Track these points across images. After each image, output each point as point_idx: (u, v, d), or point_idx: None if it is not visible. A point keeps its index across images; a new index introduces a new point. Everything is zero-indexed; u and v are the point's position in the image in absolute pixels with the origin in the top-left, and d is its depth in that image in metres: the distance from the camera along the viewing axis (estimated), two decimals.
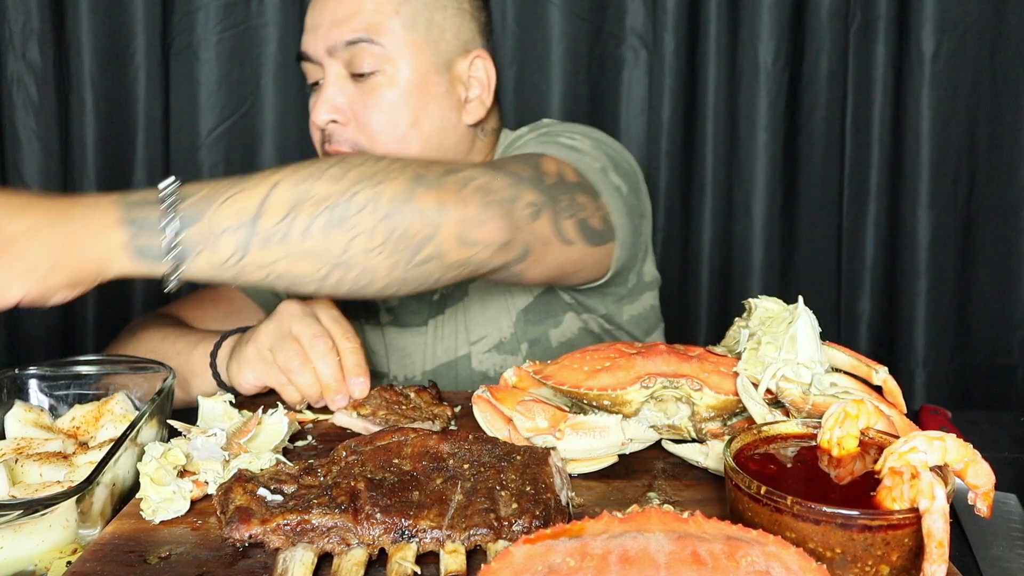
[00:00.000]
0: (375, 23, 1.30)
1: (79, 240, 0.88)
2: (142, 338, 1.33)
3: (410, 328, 1.48)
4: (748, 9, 1.77)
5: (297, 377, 1.06)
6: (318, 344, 1.06)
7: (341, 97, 1.32)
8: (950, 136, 1.79)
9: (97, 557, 0.76)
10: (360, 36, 1.30)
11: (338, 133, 1.33)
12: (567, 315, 1.45)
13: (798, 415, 0.88)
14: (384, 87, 1.32)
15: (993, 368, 1.86)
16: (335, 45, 1.30)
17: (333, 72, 1.32)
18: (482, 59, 1.39)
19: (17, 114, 1.73)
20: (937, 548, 0.65)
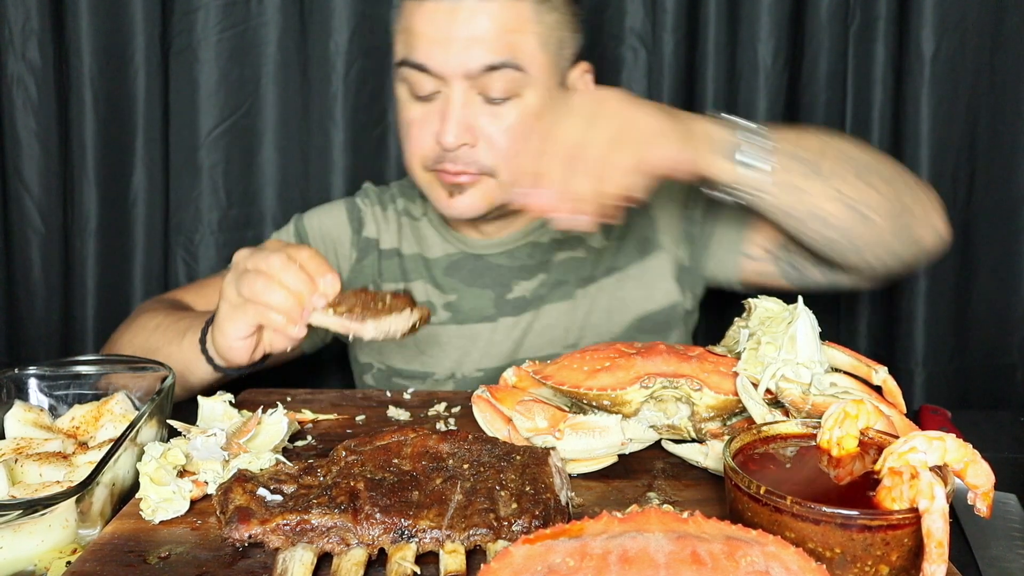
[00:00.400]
0: (517, 45, 1.24)
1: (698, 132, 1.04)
2: (138, 330, 1.31)
3: (469, 326, 1.45)
4: (748, 9, 1.77)
5: (268, 297, 1.03)
6: (273, 261, 1.03)
7: (471, 119, 1.26)
8: (950, 136, 1.79)
9: (97, 557, 0.76)
10: (505, 61, 1.24)
11: (466, 155, 1.28)
12: (675, 330, 1.47)
13: (798, 415, 0.88)
14: (517, 111, 1.27)
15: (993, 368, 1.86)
16: (473, 69, 1.23)
17: (463, 93, 1.26)
18: (589, 74, 1.39)
19: (17, 114, 1.72)
20: (937, 548, 0.65)
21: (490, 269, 1.46)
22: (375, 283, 1.50)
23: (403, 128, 1.35)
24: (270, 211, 1.85)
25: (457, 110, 1.25)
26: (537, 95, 1.29)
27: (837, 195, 1.10)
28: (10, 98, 1.73)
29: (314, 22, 1.79)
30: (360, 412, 1.13)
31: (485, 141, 1.28)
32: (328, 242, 1.52)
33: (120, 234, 1.81)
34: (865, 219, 1.12)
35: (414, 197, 1.54)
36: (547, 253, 1.46)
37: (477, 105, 1.27)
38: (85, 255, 1.79)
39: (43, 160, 1.75)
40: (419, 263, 1.49)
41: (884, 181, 1.13)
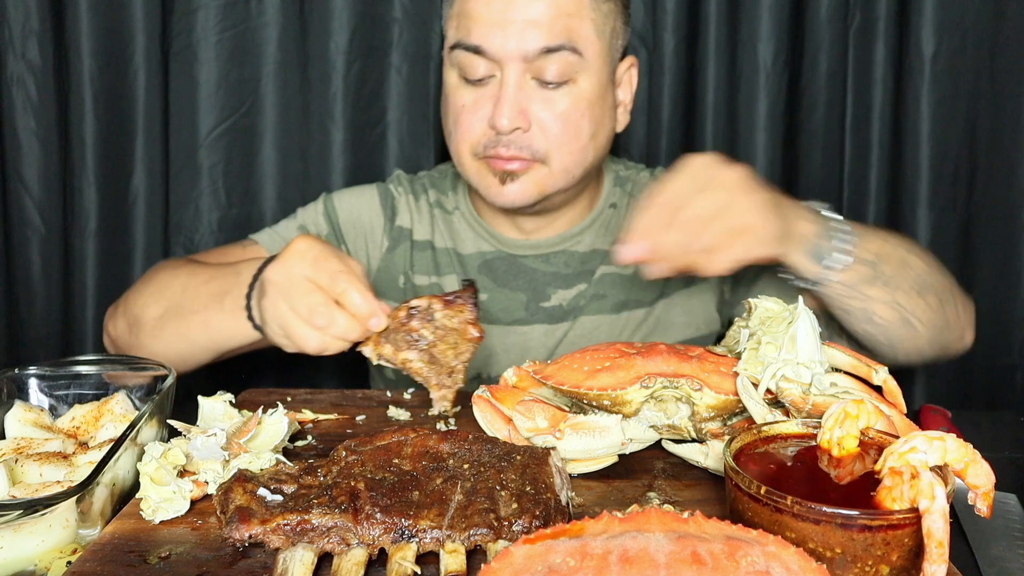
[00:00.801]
0: (574, 29, 1.24)
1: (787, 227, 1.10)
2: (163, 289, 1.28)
3: (499, 327, 1.44)
4: (748, 9, 1.77)
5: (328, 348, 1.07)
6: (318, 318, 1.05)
7: (525, 103, 1.26)
8: (950, 136, 1.79)
9: (97, 557, 0.76)
10: (562, 43, 1.24)
11: (518, 140, 1.27)
12: None
13: (798, 415, 0.88)
14: (571, 97, 1.27)
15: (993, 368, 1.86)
16: (531, 50, 1.23)
17: (518, 76, 1.25)
18: (635, 67, 1.40)
19: (17, 114, 1.72)
20: (937, 548, 0.65)
21: (524, 272, 1.45)
22: (406, 274, 1.48)
23: (452, 115, 1.33)
24: (270, 211, 1.85)
25: (512, 93, 1.25)
26: (590, 82, 1.28)
27: (892, 302, 1.17)
28: (10, 98, 1.72)
29: (314, 22, 1.79)
30: (360, 412, 1.13)
31: (538, 126, 1.27)
32: (359, 228, 1.50)
33: (120, 234, 1.81)
34: (910, 326, 1.20)
35: (445, 189, 1.52)
36: (585, 263, 1.46)
37: (531, 89, 1.26)
38: (85, 255, 1.79)
39: (43, 160, 1.75)
40: (452, 257, 1.48)
41: (936, 296, 1.21)
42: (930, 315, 1.20)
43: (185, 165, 1.82)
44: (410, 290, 1.49)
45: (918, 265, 1.21)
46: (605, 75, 1.31)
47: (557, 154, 1.29)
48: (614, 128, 1.39)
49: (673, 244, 1.03)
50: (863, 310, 1.18)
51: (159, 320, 1.25)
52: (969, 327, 1.30)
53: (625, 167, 1.55)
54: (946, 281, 1.26)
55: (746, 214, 1.05)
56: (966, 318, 1.29)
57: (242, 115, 1.81)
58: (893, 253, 1.18)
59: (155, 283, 1.30)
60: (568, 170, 1.32)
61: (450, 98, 1.33)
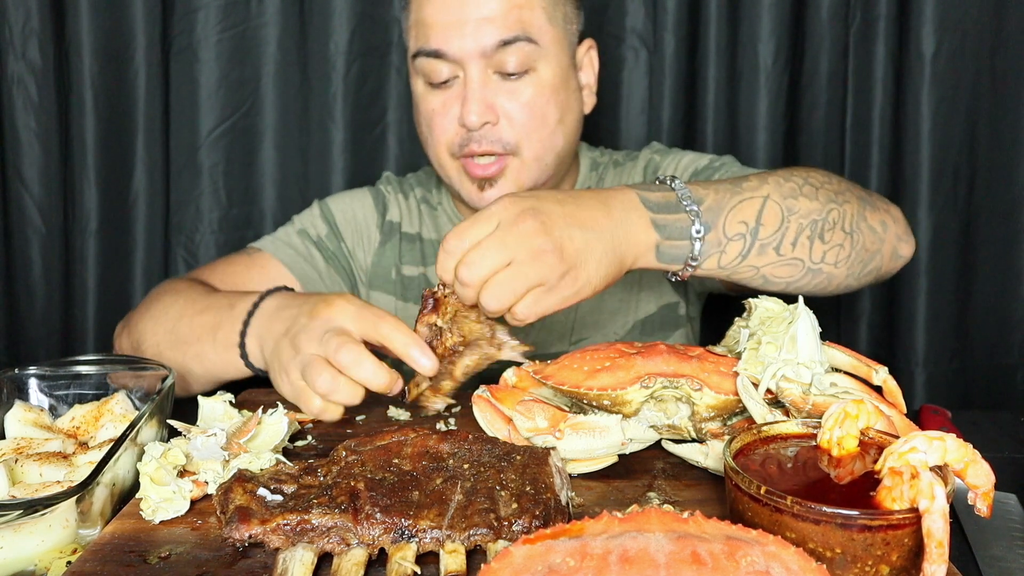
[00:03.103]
0: (527, 20, 1.28)
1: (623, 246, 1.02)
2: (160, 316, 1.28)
3: None
4: (748, 9, 1.77)
5: (338, 395, 1.03)
6: (341, 356, 1.01)
7: (491, 97, 1.29)
8: (950, 136, 1.79)
9: (97, 557, 0.76)
10: (517, 35, 1.27)
11: (489, 134, 1.30)
12: (678, 330, 1.48)
13: (798, 415, 0.88)
14: (534, 85, 1.30)
15: (993, 368, 1.86)
16: (488, 45, 1.26)
17: (480, 72, 1.28)
18: (594, 49, 1.42)
19: (17, 114, 1.72)
20: (937, 548, 0.65)
21: None
22: (396, 267, 1.50)
23: (424, 121, 1.36)
24: (270, 211, 1.85)
25: (477, 90, 1.28)
26: (551, 69, 1.31)
27: (787, 260, 1.10)
28: (10, 98, 1.73)
29: (314, 22, 1.79)
30: (360, 412, 1.13)
31: (506, 118, 1.30)
32: (355, 225, 1.53)
33: (120, 234, 1.81)
34: (818, 274, 1.13)
35: (431, 187, 1.57)
36: None
37: (495, 83, 1.29)
38: (85, 255, 1.79)
39: (43, 160, 1.75)
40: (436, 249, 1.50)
41: (841, 231, 1.13)
42: (838, 253, 1.13)
43: (185, 165, 1.82)
44: (400, 282, 1.50)
45: (808, 208, 1.11)
46: (564, 60, 1.34)
47: (527, 142, 1.32)
48: (582, 111, 1.41)
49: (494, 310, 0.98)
50: (754, 278, 1.11)
51: (158, 347, 1.26)
52: (901, 240, 1.21)
53: (601, 154, 1.57)
54: (852, 206, 1.15)
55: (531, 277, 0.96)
56: (894, 231, 1.20)
57: (242, 115, 1.81)
58: (771, 210, 1.08)
59: (155, 308, 1.31)
60: (540, 157, 1.34)
61: (420, 105, 1.36)
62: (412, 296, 1.49)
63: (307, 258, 1.47)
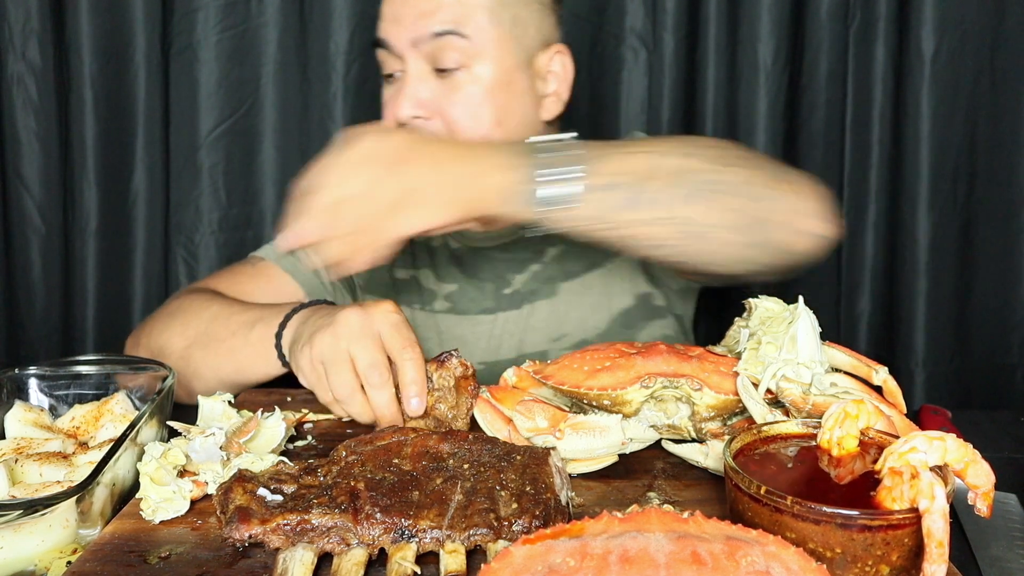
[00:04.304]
0: (462, 16, 1.28)
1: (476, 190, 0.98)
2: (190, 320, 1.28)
3: (469, 317, 1.47)
4: (748, 9, 1.77)
5: (348, 406, 1.03)
6: (373, 375, 1.00)
7: (425, 92, 1.29)
8: (950, 136, 1.79)
9: (97, 557, 0.76)
10: (448, 28, 1.27)
11: (421, 129, 1.30)
12: (655, 321, 1.47)
13: (798, 415, 0.88)
14: (468, 83, 1.29)
15: (993, 368, 1.86)
16: (420, 37, 1.27)
17: (416, 66, 1.29)
18: (561, 54, 1.39)
19: (17, 114, 1.72)
20: (937, 548, 0.65)
21: (488, 263, 1.48)
22: (389, 270, 1.50)
23: None
24: (270, 211, 1.85)
25: (410, 83, 1.29)
26: (488, 69, 1.30)
27: (664, 219, 1.03)
28: (10, 98, 1.73)
29: (314, 22, 1.79)
30: None
31: (439, 114, 1.30)
32: None
33: (120, 234, 1.81)
34: (703, 237, 1.05)
35: None
36: (541, 244, 1.47)
37: (431, 80, 1.30)
38: (85, 255, 1.79)
39: (43, 160, 1.75)
40: (424, 251, 1.51)
41: (730, 195, 1.05)
42: (726, 217, 1.04)
43: (185, 165, 1.82)
44: (391, 286, 1.50)
45: (694, 167, 1.04)
46: (509, 63, 1.32)
47: None
48: (536, 118, 1.38)
49: (313, 232, 0.98)
50: (630, 237, 1.04)
51: (185, 350, 1.26)
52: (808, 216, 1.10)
53: None
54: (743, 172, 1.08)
55: (390, 188, 0.97)
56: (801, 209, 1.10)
57: (242, 115, 1.81)
58: (653, 165, 1.03)
59: (181, 315, 1.31)
60: None
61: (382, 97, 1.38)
62: (403, 299, 1.49)
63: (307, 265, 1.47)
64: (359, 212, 0.97)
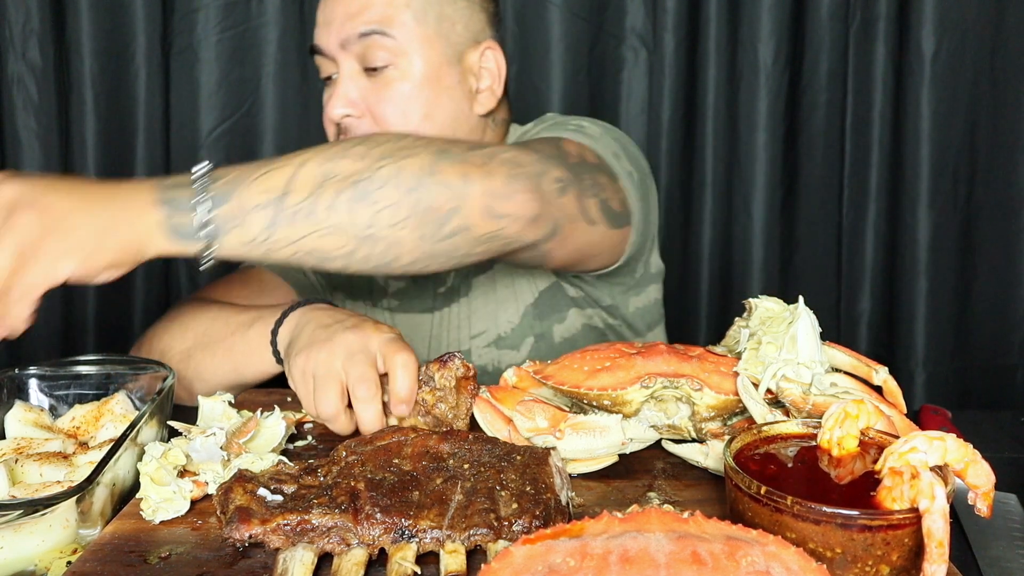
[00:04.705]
0: (387, 16, 1.31)
1: (120, 220, 0.92)
2: (190, 323, 1.29)
3: (414, 315, 1.49)
4: (748, 9, 1.77)
5: (333, 425, 1.02)
6: (361, 389, 0.99)
7: (355, 91, 1.33)
8: (950, 136, 1.79)
9: (97, 557, 0.76)
10: (373, 28, 1.30)
11: (353, 127, 1.34)
12: (571, 311, 1.45)
13: (798, 415, 0.88)
14: (397, 80, 1.32)
15: (993, 368, 1.86)
16: (348, 38, 1.31)
17: (347, 67, 1.33)
18: (492, 50, 1.40)
19: (17, 114, 1.73)
20: (937, 548, 0.65)
21: None
22: None
23: None
24: None
25: (340, 83, 1.33)
26: (417, 66, 1.32)
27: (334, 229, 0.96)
28: (10, 98, 1.73)
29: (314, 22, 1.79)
30: None
31: (369, 112, 1.33)
32: None
33: None
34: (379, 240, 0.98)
35: None
36: None
37: (361, 79, 1.33)
38: None
39: (43, 160, 1.75)
40: None
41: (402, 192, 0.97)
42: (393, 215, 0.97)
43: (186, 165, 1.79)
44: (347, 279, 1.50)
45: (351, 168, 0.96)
46: (436, 59, 1.34)
47: None
48: (469, 112, 1.38)
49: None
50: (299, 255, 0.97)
51: (186, 352, 1.26)
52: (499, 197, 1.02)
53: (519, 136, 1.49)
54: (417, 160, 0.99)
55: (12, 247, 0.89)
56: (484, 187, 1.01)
57: (242, 115, 1.82)
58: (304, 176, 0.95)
59: (181, 320, 1.32)
60: None
61: None
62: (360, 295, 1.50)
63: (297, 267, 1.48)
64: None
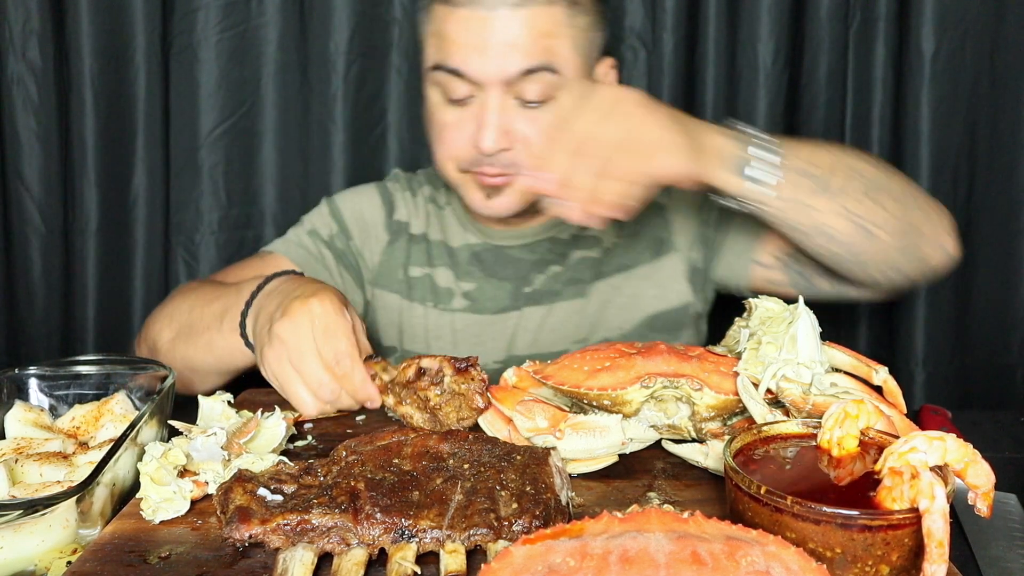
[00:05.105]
0: (551, 48, 1.25)
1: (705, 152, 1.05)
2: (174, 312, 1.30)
3: (486, 316, 1.47)
4: (748, 9, 1.77)
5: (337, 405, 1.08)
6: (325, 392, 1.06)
7: (510, 123, 1.28)
8: (950, 136, 1.78)
9: (97, 557, 0.76)
10: (540, 64, 1.25)
11: (503, 158, 1.29)
12: (685, 330, 1.48)
13: (798, 415, 0.88)
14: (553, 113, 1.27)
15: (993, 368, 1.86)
16: (512, 73, 1.24)
17: (499, 97, 1.26)
18: (614, 70, 1.41)
19: (17, 114, 1.72)
20: (937, 548, 0.65)
21: (511, 261, 1.48)
22: (404, 266, 1.50)
23: (435, 130, 1.35)
24: (270, 211, 1.85)
25: (495, 116, 1.26)
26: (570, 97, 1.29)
27: (844, 212, 1.11)
28: (10, 98, 1.72)
29: (314, 22, 1.79)
30: (360, 412, 1.13)
31: (523, 143, 1.29)
32: (363, 224, 1.53)
33: (120, 234, 1.81)
34: (870, 236, 1.13)
35: (439, 186, 1.56)
36: (565, 247, 1.48)
37: (513, 109, 1.28)
38: (85, 255, 1.79)
39: (43, 160, 1.75)
40: (443, 250, 1.51)
41: (894, 200, 1.14)
42: (890, 220, 1.14)
43: (185, 165, 1.82)
44: (407, 282, 1.50)
45: (867, 170, 1.15)
46: None
47: None
48: None
49: (584, 172, 1.00)
50: (814, 225, 1.12)
51: (171, 343, 1.27)
52: (947, 235, 1.21)
53: None
54: (908, 185, 1.20)
55: (651, 131, 1.02)
56: (941, 224, 1.21)
57: (242, 115, 1.81)
58: (831, 158, 1.13)
59: (169, 307, 1.33)
60: None
61: (434, 115, 1.35)
62: (417, 296, 1.49)
63: (318, 258, 1.48)
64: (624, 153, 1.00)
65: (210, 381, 1.27)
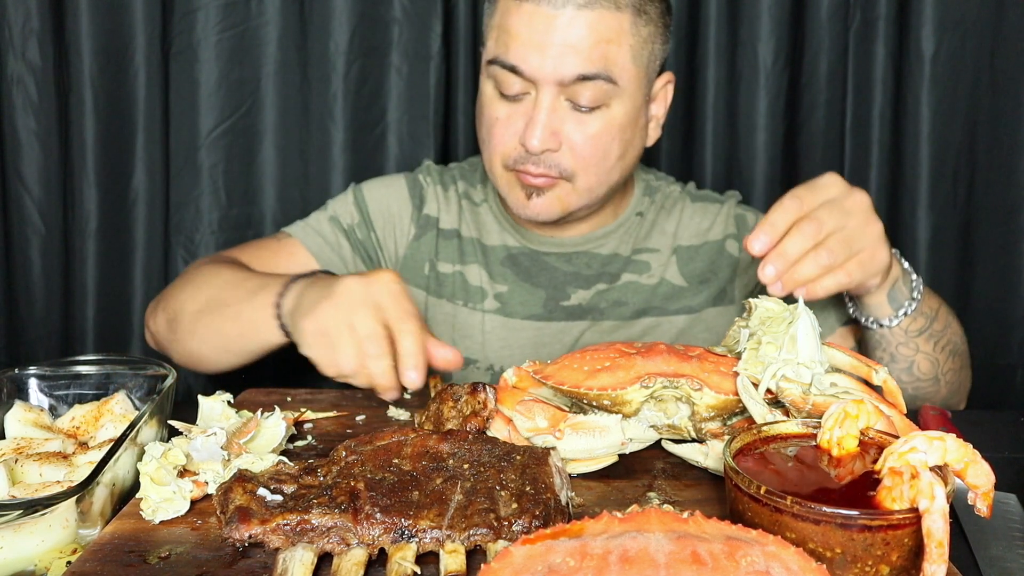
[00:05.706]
0: (610, 57, 1.24)
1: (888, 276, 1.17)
2: (203, 285, 1.29)
3: (516, 320, 1.46)
4: (748, 9, 1.77)
5: (352, 379, 1.05)
6: (370, 346, 1.02)
7: (559, 124, 1.27)
8: (950, 136, 1.79)
9: (97, 557, 0.76)
10: (598, 72, 1.24)
11: (548, 159, 1.29)
12: None
13: (798, 415, 0.88)
14: (604, 121, 1.28)
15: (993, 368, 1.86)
16: (568, 76, 1.23)
17: (552, 97, 1.26)
18: (671, 83, 1.40)
19: (17, 114, 1.72)
20: (937, 548, 0.65)
21: (546, 269, 1.47)
22: (431, 261, 1.50)
23: (485, 124, 1.35)
24: (270, 211, 1.85)
25: (544, 115, 1.26)
26: (624, 107, 1.29)
27: (933, 358, 1.22)
28: (10, 98, 1.72)
29: (314, 22, 1.79)
30: (360, 412, 1.13)
31: (568, 146, 1.28)
32: (387, 216, 1.52)
33: (120, 234, 1.81)
34: (937, 384, 1.26)
35: (475, 181, 1.55)
36: (606, 265, 1.47)
37: (564, 111, 1.27)
38: (85, 255, 1.79)
39: (43, 160, 1.75)
40: (476, 247, 1.50)
41: (961, 361, 1.29)
42: (953, 377, 1.27)
43: (185, 165, 1.82)
44: (434, 278, 1.50)
45: (955, 328, 1.27)
46: (639, 98, 1.32)
47: (583, 174, 1.31)
48: (644, 145, 1.40)
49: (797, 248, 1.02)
50: (909, 359, 1.23)
51: (197, 314, 1.26)
52: (965, 396, 1.35)
53: (656, 177, 1.57)
54: (967, 349, 1.32)
55: (866, 239, 1.07)
56: (967, 387, 1.35)
57: (242, 115, 1.81)
58: (942, 311, 1.25)
59: (197, 279, 1.32)
60: (591, 189, 1.35)
61: (485, 109, 1.34)
62: (445, 293, 1.49)
63: (335, 247, 1.47)
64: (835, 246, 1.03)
65: (227, 359, 1.26)
